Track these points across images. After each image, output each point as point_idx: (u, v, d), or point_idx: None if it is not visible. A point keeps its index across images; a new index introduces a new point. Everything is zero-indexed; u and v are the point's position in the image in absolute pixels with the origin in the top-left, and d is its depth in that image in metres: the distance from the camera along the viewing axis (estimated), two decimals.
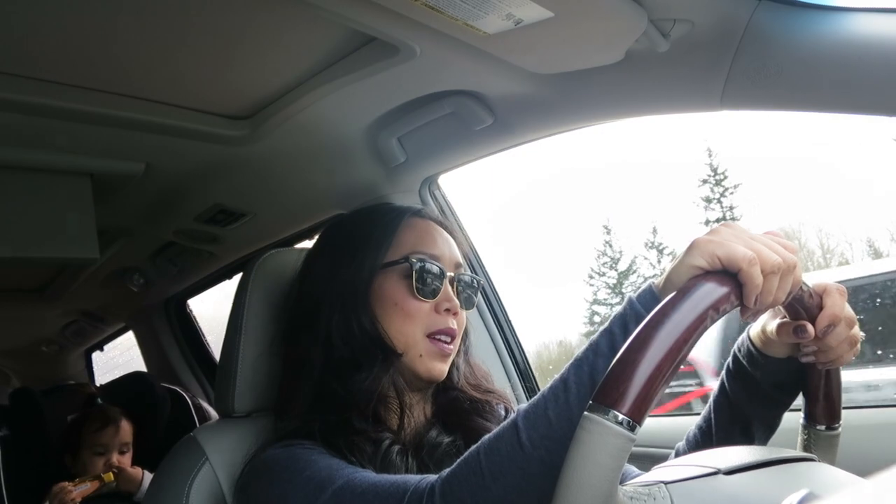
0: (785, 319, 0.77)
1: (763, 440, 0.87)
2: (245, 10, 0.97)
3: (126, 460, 2.02)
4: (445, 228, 1.04)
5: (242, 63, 1.13)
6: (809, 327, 0.73)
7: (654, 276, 0.71)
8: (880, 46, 0.85)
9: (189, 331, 2.71)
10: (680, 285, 0.62)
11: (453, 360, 1.01)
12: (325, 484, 0.77)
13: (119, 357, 3.33)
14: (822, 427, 0.77)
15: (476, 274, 1.62)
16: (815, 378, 0.77)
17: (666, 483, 0.58)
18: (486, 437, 0.69)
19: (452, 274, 0.99)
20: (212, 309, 2.72)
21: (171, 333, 2.68)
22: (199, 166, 1.47)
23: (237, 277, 1.12)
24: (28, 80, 1.07)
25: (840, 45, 0.88)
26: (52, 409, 2.26)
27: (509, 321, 1.71)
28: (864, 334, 0.77)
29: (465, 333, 1.06)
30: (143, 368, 2.83)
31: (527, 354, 1.73)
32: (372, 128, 1.36)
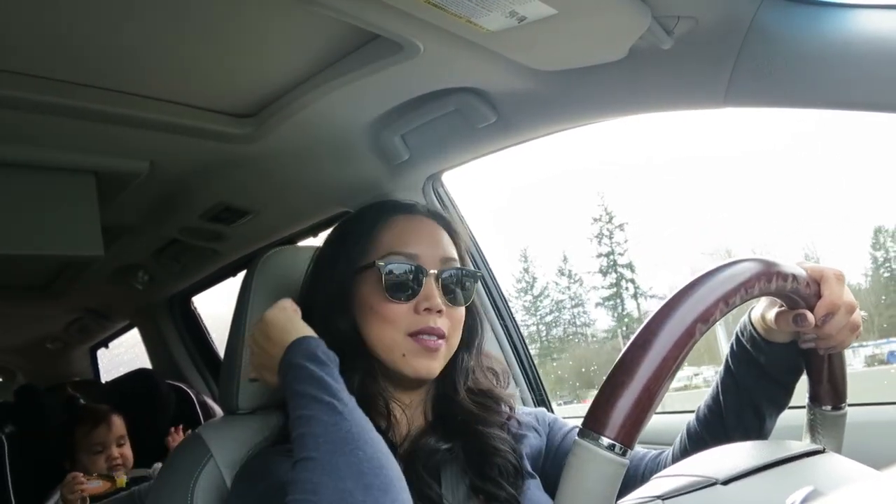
0: (783, 308, 0.77)
1: (774, 417, 0.87)
2: (249, 8, 0.97)
3: (126, 451, 2.05)
4: (440, 222, 1.01)
5: (246, 61, 1.13)
6: (809, 316, 0.72)
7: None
8: (885, 43, 0.85)
9: (193, 328, 2.71)
10: None
11: (457, 361, 0.98)
12: None
13: (124, 354, 3.34)
14: (828, 408, 0.77)
15: (476, 261, 1.61)
16: (818, 361, 0.77)
17: (662, 498, 0.58)
18: None
19: (436, 271, 0.95)
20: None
21: (175, 330, 2.69)
22: (203, 164, 1.47)
23: (241, 275, 1.12)
24: (33, 77, 1.08)
25: (844, 41, 0.88)
26: (56, 406, 2.28)
27: (514, 320, 1.70)
28: (865, 314, 0.76)
29: (471, 331, 1.01)
30: (148, 365, 2.84)
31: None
32: (375, 125, 1.37)
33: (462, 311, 0.98)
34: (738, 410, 0.86)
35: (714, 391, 0.90)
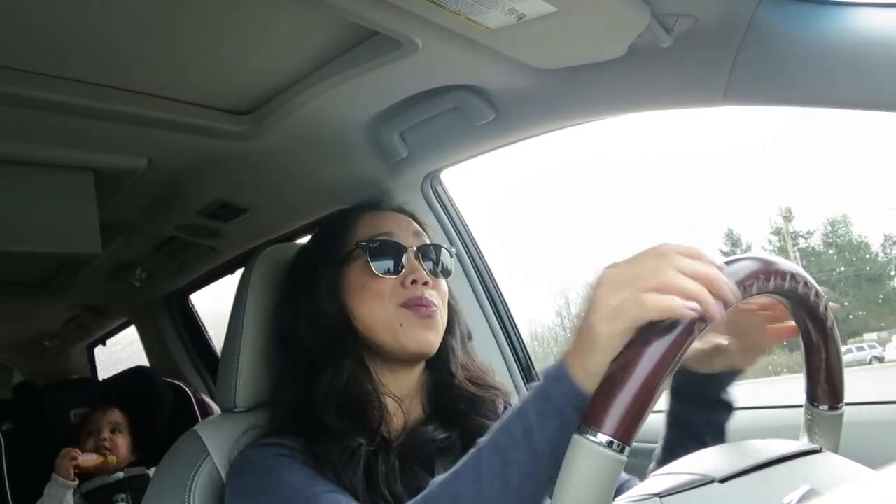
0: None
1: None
2: (248, 4, 0.97)
3: (119, 440, 2.08)
4: (407, 214, 1.06)
5: (245, 58, 1.13)
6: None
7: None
8: (884, 42, 0.85)
9: (191, 325, 2.71)
10: (610, 358, 0.56)
11: (448, 345, 1.00)
12: None
13: (122, 352, 3.33)
14: (825, 407, 0.77)
15: (474, 257, 1.64)
16: (816, 360, 0.77)
17: (660, 496, 0.58)
18: None
19: (414, 248, 0.99)
20: None
21: (173, 328, 2.69)
22: (202, 161, 1.47)
23: (239, 272, 1.13)
24: (31, 74, 1.07)
25: (844, 40, 0.88)
26: (55, 404, 2.27)
27: (512, 319, 1.70)
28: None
29: (455, 315, 1.04)
30: (146, 363, 2.84)
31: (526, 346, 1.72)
32: (374, 122, 1.36)
33: (445, 284, 1.01)
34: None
35: (664, 443, 0.93)
